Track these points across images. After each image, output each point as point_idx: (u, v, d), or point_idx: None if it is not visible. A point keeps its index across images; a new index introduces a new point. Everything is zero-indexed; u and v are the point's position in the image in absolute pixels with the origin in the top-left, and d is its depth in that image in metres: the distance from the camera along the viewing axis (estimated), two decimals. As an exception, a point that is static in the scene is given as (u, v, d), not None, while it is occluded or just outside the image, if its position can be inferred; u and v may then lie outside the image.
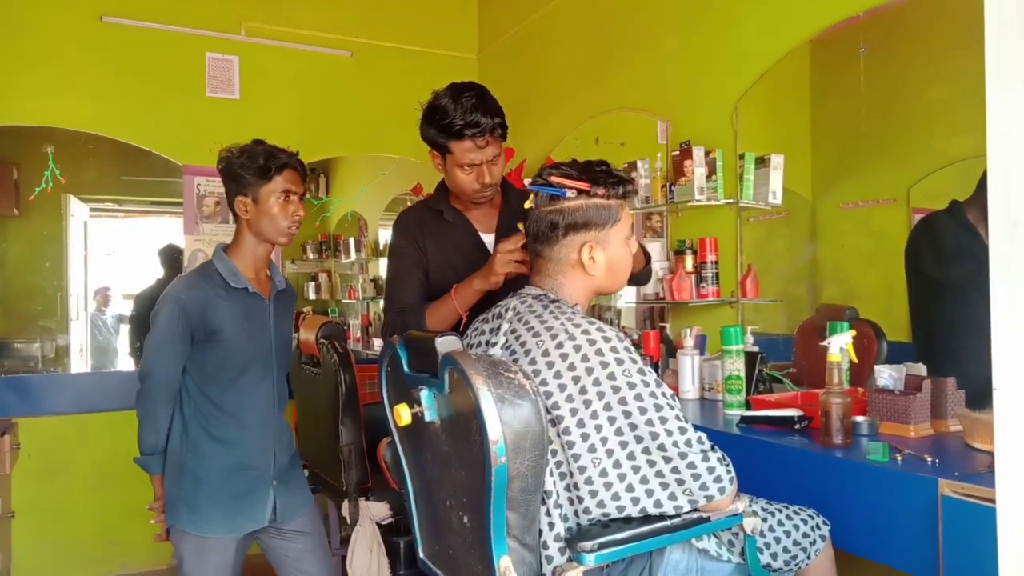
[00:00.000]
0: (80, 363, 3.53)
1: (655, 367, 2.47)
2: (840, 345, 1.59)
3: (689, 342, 2.20)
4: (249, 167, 1.83)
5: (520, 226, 1.45)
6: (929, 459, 1.37)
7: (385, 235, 4.41)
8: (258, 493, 1.86)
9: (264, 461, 1.88)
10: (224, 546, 1.82)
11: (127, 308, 3.89)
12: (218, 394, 1.83)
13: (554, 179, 1.32)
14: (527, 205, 1.37)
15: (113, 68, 3.33)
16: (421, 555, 1.42)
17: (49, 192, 3.29)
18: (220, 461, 1.82)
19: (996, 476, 0.63)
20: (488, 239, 1.85)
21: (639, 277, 1.89)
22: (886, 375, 1.69)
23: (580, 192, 1.31)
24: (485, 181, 1.74)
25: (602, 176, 1.33)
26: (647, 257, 1.87)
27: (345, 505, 2.27)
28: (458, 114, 1.67)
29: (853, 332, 1.61)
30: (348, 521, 2.27)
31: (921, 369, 1.80)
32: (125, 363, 3.76)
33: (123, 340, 3.86)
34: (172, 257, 3.67)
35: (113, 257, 3.81)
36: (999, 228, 0.63)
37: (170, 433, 1.84)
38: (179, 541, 1.83)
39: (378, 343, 4.00)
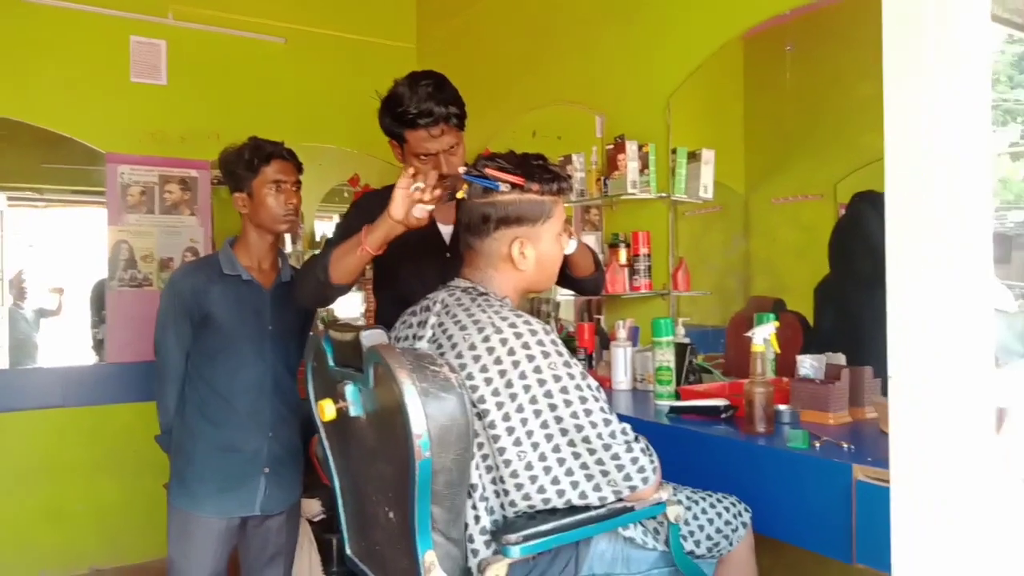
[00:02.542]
0: (-4, 359, 3.36)
1: (589, 359, 2.49)
2: (764, 336, 1.63)
3: (622, 334, 2.23)
4: (238, 163, 1.92)
5: (462, 169, 1.36)
6: (845, 445, 1.42)
7: (321, 227, 4.33)
8: (247, 478, 1.91)
9: (253, 446, 1.92)
10: (209, 528, 1.88)
11: (50, 302, 3.71)
12: (211, 375, 1.91)
13: (488, 171, 1.30)
14: (459, 195, 1.36)
15: (30, 50, 3.16)
16: (348, 552, 1.40)
17: (-41, 180, 3.12)
18: (208, 441, 1.89)
19: (890, 457, 0.65)
20: (446, 230, 1.82)
21: (587, 283, 1.84)
22: (807, 364, 1.74)
23: (514, 187, 1.30)
24: (443, 171, 1.69)
25: (537, 171, 1.31)
26: (596, 263, 1.84)
27: (276, 502, 2.22)
28: (412, 102, 1.65)
29: (776, 323, 1.65)
30: (279, 518, 2.22)
31: (841, 359, 1.87)
32: (47, 359, 3.59)
33: (44, 335, 3.69)
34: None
35: (34, 248, 3.63)
36: (895, 219, 0.65)
37: (176, 414, 1.95)
38: (169, 517, 1.92)
39: (314, 337, 3.92)
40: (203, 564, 1.88)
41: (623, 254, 2.50)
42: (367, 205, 1.80)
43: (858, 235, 2.04)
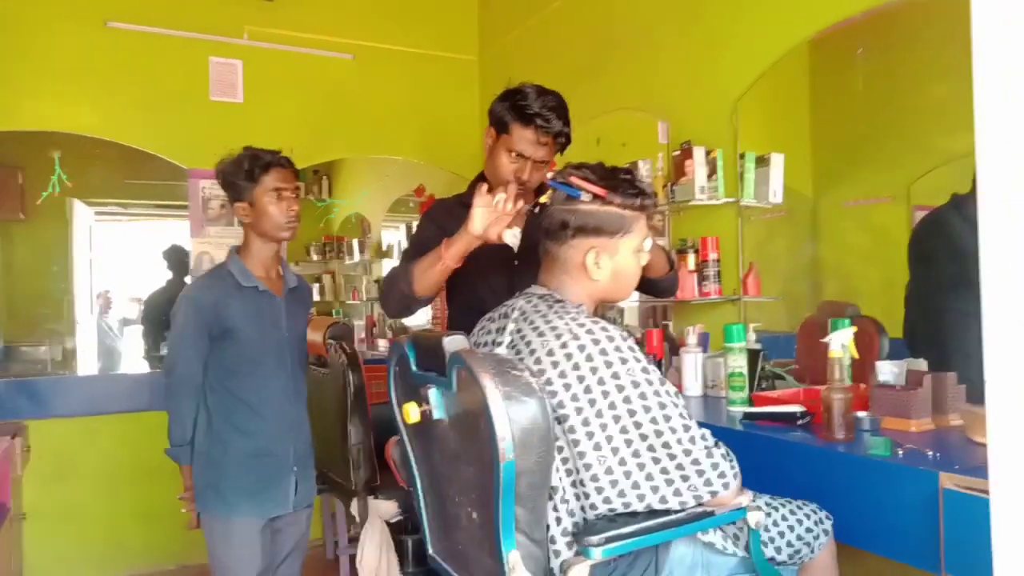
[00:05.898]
0: (87, 365, 3.56)
1: (658, 365, 2.49)
2: (841, 342, 1.60)
3: (692, 340, 2.22)
4: (238, 173, 1.94)
5: (549, 174, 1.47)
6: (930, 453, 1.39)
7: (388, 236, 4.44)
8: (281, 478, 1.98)
9: (283, 449, 1.98)
10: (250, 530, 1.93)
11: (133, 311, 3.91)
12: (237, 387, 1.93)
13: (573, 179, 1.33)
14: (543, 200, 1.39)
15: (118, 73, 3.36)
16: (430, 551, 1.44)
17: (56, 196, 3.32)
18: (241, 449, 1.93)
19: (989, 466, 0.64)
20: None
21: (663, 284, 1.87)
22: (887, 370, 1.71)
23: (596, 197, 1.32)
24: (523, 177, 1.75)
25: (623, 185, 1.33)
26: (671, 263, 1.86)
27: (354, 504, 2.29)
28: (536, 104, 1.72)
29: (854, 328, 1.63)
30: (357, 520, 2.29)
31: (922, 364, 1.82)
32: (130, 366, 3.79)
33: (127, 343, 3.89)
34: (178, 259, 3.70)
35: (119, 260, 3.84)
36: (990, 218, 0.65)
37: (196, 426, 1.94)
38: (208, 526, 1.95)
39: (383, 344, 4.02)
40: (253, 562, 1.93)
41: (691, 260, 2.49)
42: (438, 215, 1.87)
43: (942, 237, 1.99)
